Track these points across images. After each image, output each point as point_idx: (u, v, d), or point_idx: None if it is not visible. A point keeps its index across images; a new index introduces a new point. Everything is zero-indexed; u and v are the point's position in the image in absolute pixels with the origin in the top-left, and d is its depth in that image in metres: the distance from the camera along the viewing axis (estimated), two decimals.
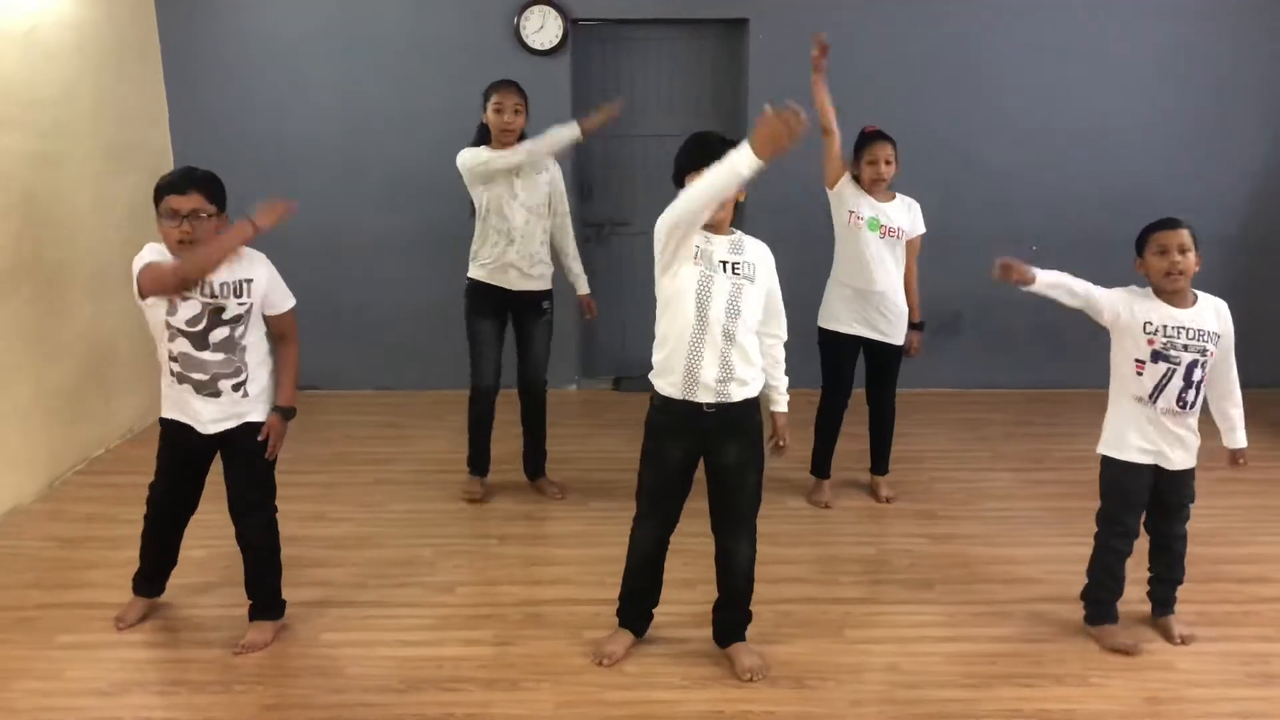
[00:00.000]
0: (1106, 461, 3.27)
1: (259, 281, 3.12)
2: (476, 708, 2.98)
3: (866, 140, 4.22)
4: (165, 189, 2.98)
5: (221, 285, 3.04)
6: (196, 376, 3.08)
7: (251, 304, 3.10)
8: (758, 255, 3.02)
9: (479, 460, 4.57)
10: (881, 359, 4.36)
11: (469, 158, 4.22)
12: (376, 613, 3.52)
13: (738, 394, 2.95)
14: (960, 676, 3.13)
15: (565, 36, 5.71)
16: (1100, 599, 3.33)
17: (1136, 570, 3.39)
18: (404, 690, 3.06)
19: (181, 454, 3.23)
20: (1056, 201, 5.91)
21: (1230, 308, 3.19)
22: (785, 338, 3.14)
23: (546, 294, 4.46)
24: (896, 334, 4.32)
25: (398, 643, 3.33)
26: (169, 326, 3.04)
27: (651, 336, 3.06)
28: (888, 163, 4.17)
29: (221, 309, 3.05)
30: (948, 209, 5.86)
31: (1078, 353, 6.08)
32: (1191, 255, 3.10)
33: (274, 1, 5.73)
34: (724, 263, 2.93)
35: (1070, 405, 5.80)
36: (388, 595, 3.66)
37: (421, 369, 6.14)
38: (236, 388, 3.12)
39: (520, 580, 3.79)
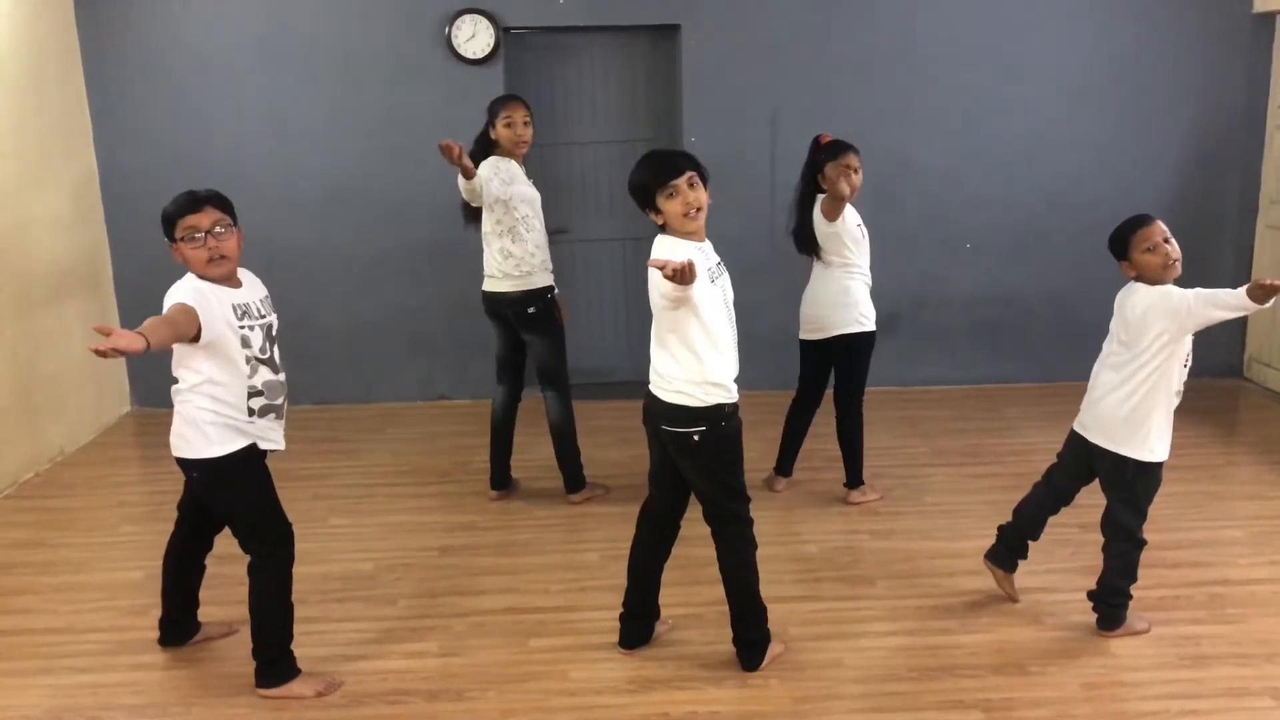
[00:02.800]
0: (1155, 466, 3.22)
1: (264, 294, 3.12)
2: (421, 719, 2.95)
3: (838, 150, 4.19)
4: (177, 213, 2.87)
5: (263, 300, 3.03)
6: (278, 401, 3.05)
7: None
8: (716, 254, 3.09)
9: (498, 475, 4.61)
10: (831, 359, 4.44)
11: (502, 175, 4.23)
12: (317, 627, 3.46)
13: None
14: (903, 669, 3.17)
15: (497, 45, 5.69)
16: (1126, 600, 3.33)
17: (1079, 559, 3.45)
18: (347, 705, 3.03)
19: (268, 472, 3.11)
20: (990, 200, 6.01)
21: None
22: None
23: (527, 296, 4.38)
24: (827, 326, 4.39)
25: (339, 658, 3.28)
26: (248, 361, 2.95)
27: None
28: (857, 170, 4.19)
29: (271, 326, 3.04)
30: (883, 210, 5.95)
31: (1011, 350, 6.24)
32: (1173, 240, 3.14)
33: (199, 13, 5.64)
34: (715, 266, 3.02)
35: (1005, 400, 5.89)
36: (328, 610, 3.61)
37: (362, 383, 6.08)
38: (287, 399, 3.15)
39: (464, 590, 3.76)
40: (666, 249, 2.89)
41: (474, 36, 5.67)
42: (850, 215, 4.23)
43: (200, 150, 5.71)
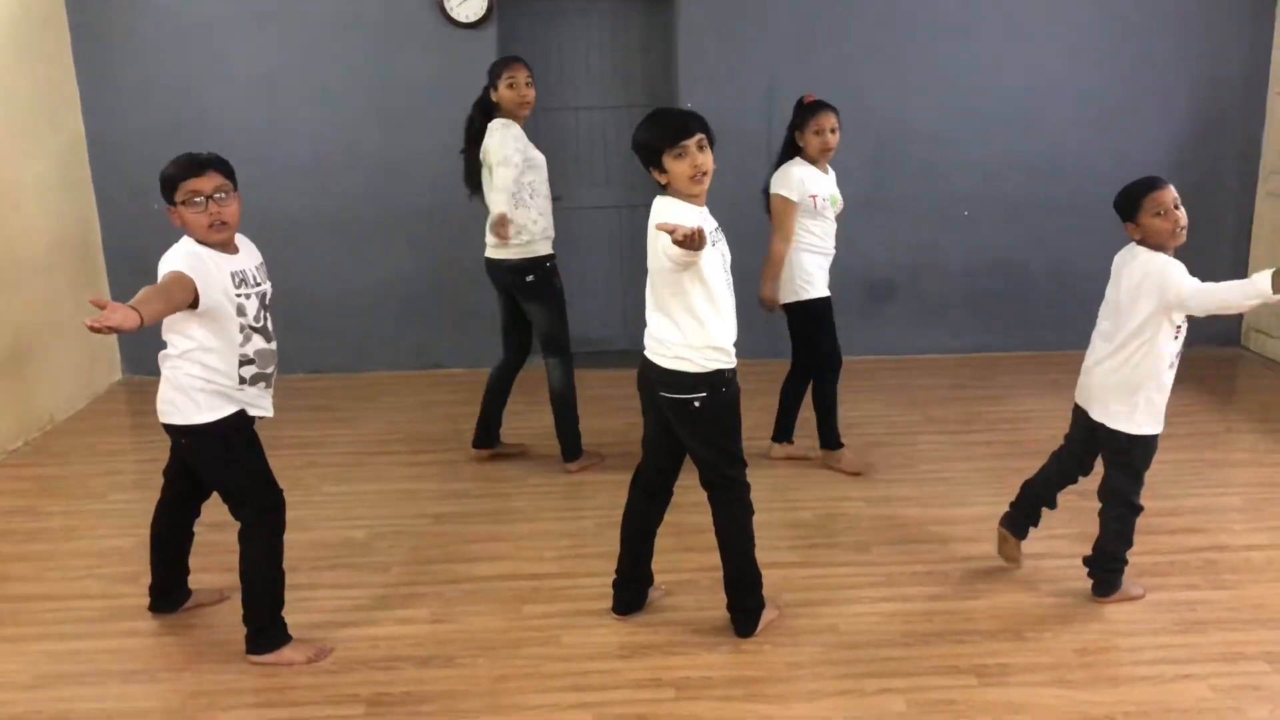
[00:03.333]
0: (1149, 438, 3.18)
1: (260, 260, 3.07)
2: (412, 685, 2.93)
3: (812, 110, 4.12)
4: (179, 175, 2.79)
5: (257, 268, 2.98)
6: (270, 370, 3.02)
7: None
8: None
9: (485, 434, 4.58)
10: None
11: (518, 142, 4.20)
12: (308, 594, 3.43)
13: None
14: (897, 635, 3.15)
15: (490, 9, 5.61)
16: (1122, 565, 3.32)
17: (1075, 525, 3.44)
18: (336, 671, 3.00)
19: (258, 439, 3.09)
20: (988, 166, 5.95)
21: None
22: None
23: (527, 264, 4.35)
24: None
25: (330, 624, 3.26)
26: (242, 329, 2.90)
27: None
28: (833, 131, 4.11)
29: (266, 294, 3.00)
30: (880, 175, 5.92)
31: (1006, 318, 6.21)
32: (1182, 207, 3.07)
33: None
34: (715, 229, 2.97)
35: (999, 369, 5.87)
36: (318, 578, 3.58)
37: (355, 352, 6.04)
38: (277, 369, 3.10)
39: (456, 558, 3.73)
40: (668, 211, 2.84)
41: (467, 0, 5.58)
42: (812, 187, 4.15)
43: (189, 116, 5.64)
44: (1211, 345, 6.07)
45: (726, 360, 2.94)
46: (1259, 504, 4.05)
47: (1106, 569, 3.30)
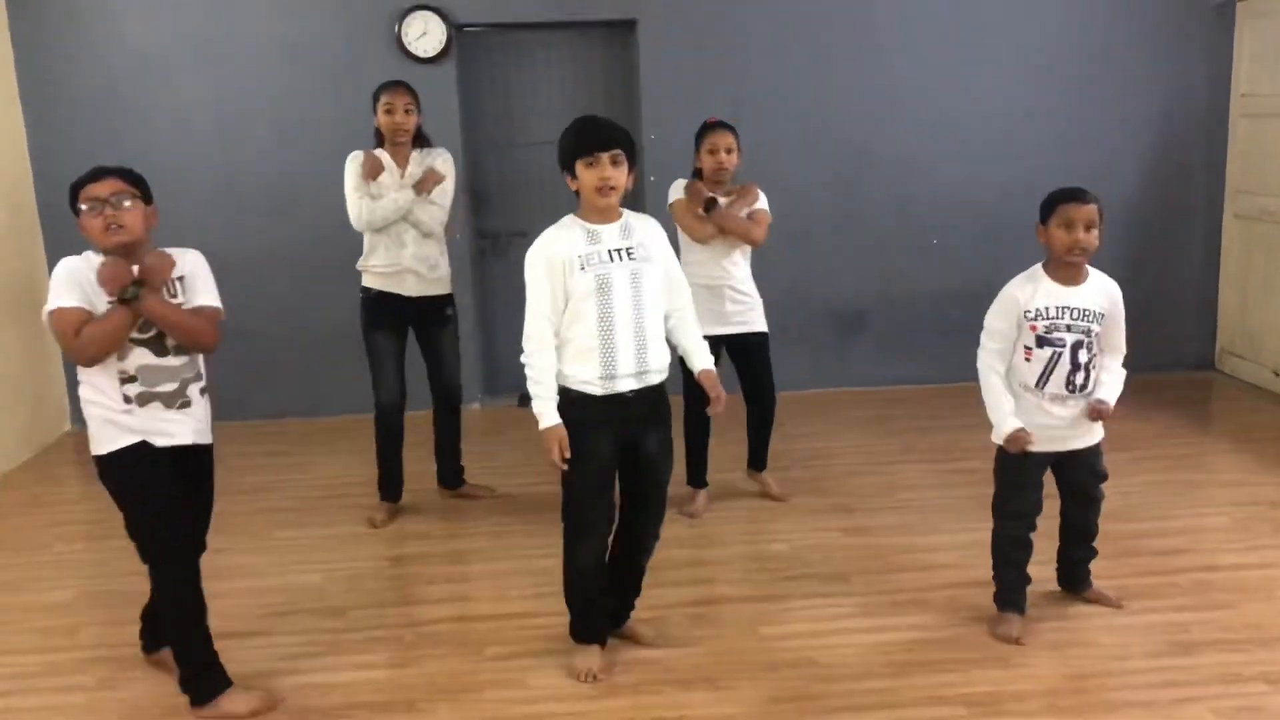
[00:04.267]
0: (999, 450, 3.17)
1: (188, 278, 2.84)
2: None
3: (706, 130, 4.06)
4: (79, 184, 2.71)
5: (164, 283, 2.78)
6: (164, 388, 2.75)
7: (184, 301, 2.80)
8: (647, 233, 2.93)
9: (389, 484, 4.31)
10: (748, 352, 4.14)
11: (349, 177, 4.14)
12: (258, 643, 3.25)
13: (655, 379, 2.92)
14: (880, 666, 3.00)
15: (449, 43, 5.53)
16: (1003, 585, 3.22)
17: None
18: None
19: (167, 481, 2.78)
20: (955, 193, 5.90)
21: (1124, 290, 3.11)
22: (691, 299, 3.05)
23: (448, 298, 4.28)
24: (755, 321, 4.13)
25: (282, 672, 3.07)
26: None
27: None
28: (729, 151, 3.99)
29: None
30: (846, 204, 5.85)
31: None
32: (1095, 231, 3.00)
33: (139, 9, 5.44)
34: (616, 250, 2.84)
35: (972, 397, 5.68)
36: (271, 624, 3.39)
37: (313, 395, 5.85)
38: (203, 393, 2.85)
39: (415, 600, 3.56)
40: (549, 235, 2.86)
41: (425, 34, 5.50)
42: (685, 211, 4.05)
43: (141, 154, 5.36)
44: (1185, 369, 6.00)
45: (581, 385, 2.86)
46: (1246, 523, 3.94)
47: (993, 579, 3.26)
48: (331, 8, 5.52)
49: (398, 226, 4.08)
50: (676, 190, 4.08)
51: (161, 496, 2.77)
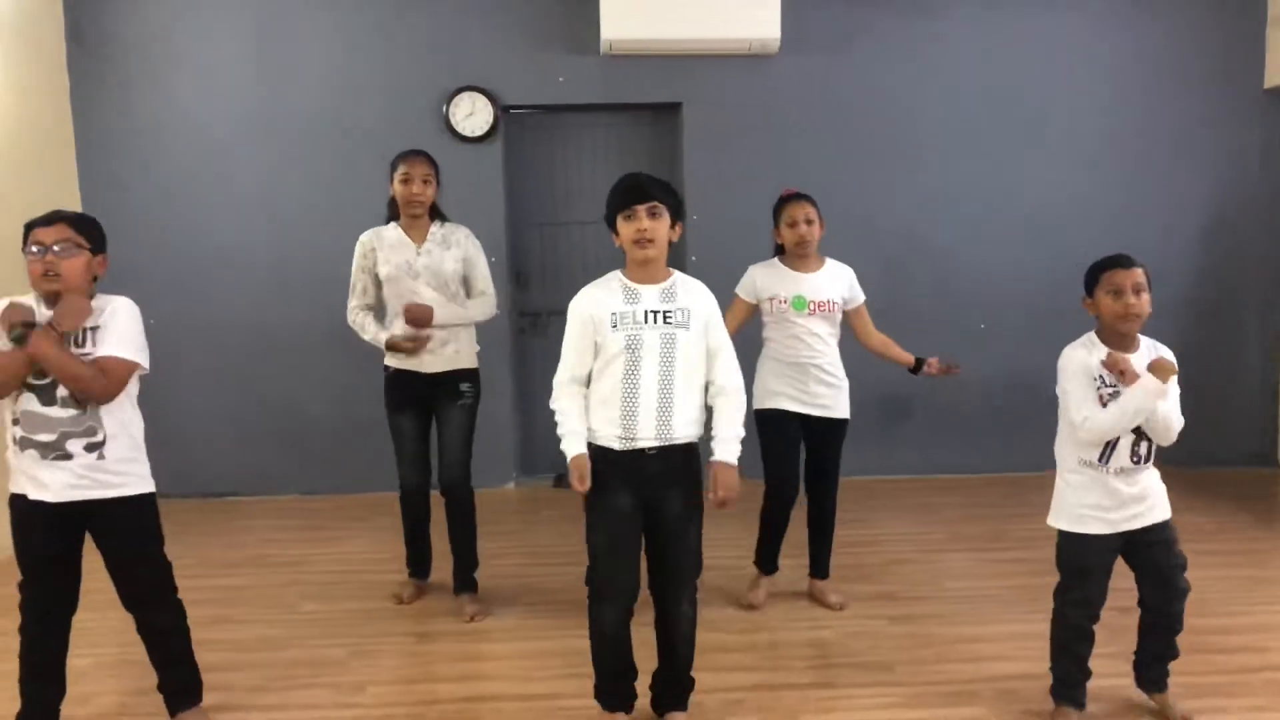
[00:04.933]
0: (1061, 534, 3.00)
1: (103, 329, 2.77)
2: None
3: (783, 203, 3.90)
4: (31, 225, 2.77)
5: (68, 335, 2.74)
6: (41, 438, 2.72)
7: (95, 355, 2.74)
8: (692, 299, 2.85)
9: (416, 562, 4.17)
10: (822, 437, 3.89)
11: (355, 260, 4.04)
12: (277, 716, 3.13)
13: (680, 440, 2.81)
14: None
15: (496, 123, 5.60)
16: (1060, 676, 3.03)
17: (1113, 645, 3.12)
18: None
19: (38, 539, 2.78)
20: (1002, 278, 5.82)
21: (1182, 382, 2.94)
22: (735, 383, 2.89)
23: (466, 375, 3.96)
24: (838, 406, 3.90)
25: None
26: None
27: None
28: (809, 222, 3.80)
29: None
30: (892, 289, 5.76)
31: (1030, 436, 5.89)
32: (1146, 296, 2.90)
33: (195, 91, 5.59)
34: (653, 313, 2.78)
35: (1026, 488, 5.56)
36: (290, 698, 3.27)
37: (351, 472, 5.79)
38: (91, 448, 2.75)
39: (442, 678, 3.42)
40: (588, 292, 2.87)
41: (472, 114, 5.58)
42: (763, 293, 3.86)
43: (192, 232, 5.58)
44: (1245, 465, 5.77)
45: (603, 439, 2.82)
46: None
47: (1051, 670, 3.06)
48: (382, 88, 5.62)
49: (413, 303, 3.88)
50: (749, 281, 3.91)
51: (27, 551, 2.79)
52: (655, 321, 2.78)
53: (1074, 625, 2.97)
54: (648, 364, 2.75)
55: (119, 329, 2.78)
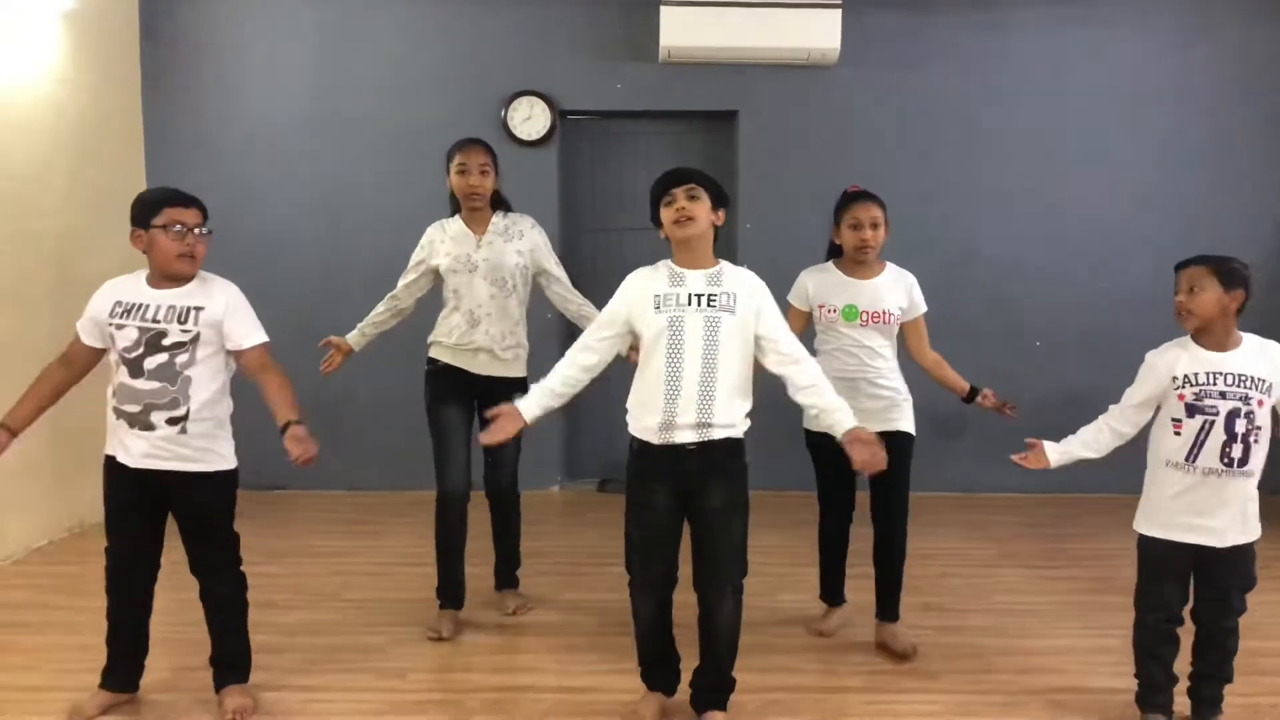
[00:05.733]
0: (1140, 536, 2.95)
1: (211, 310, 2.89)
2: None
3: (847, 201, 3.53)
4: (164, 201, 2.88)
5: (168, 309, 2.86)
6: (129, 408, 2.83)
7: (198, 333, 2.86)
8: (738, 285, 2.84)
9: (450, 588, 3.75)
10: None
11: (416, 251, 3.97)
12: (318, 697, 3.16)
13: (719, 435, 2.78)
14: None
15: (553, 127, 5.64)
16: (1144, 682, 2.96)
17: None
18: None
19: (121, 496, 2.93)
20: (1060, 295, 5.73)
21: None
22: (806, 354, 2.87)
23: (520, 382, 3.73)
24: (897, 419, 3.51)
25: None
26: (115, 355, 2.87)
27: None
28: (874, 226, 3.45)
29: (162, 334, 2.84)
30: (948, 304, 5.65)
31: None
32: (1202, 295, 2.88)
33: (259, 89, 5.70)
34: (697, 296, 2.78)
35: (1081, 508, 5.45)
36: (332, 680, 3.29)
37: (400, 469, 5.79)
38: (173, 422, 2.83)
39: (480, 668, 3.41)
40: (630, 280, 2.91)
41: (530, 118, 5.63)
42: (813, 300, 3.53)
43: (251, 225, 5.67)
44: None
45: (642, 432, 2.83)
46: None
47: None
48: (442, 90, 5.69)
49: (471, 303, 3.72)
50: (800, 288, 3.58)
51: (113, 509, 2.95)
52: (699, 305, 2.77)
53: (1153, 629, 2.91)
54: (690, 348, 2.74)
55: (249, 316, 2.98)
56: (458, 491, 3.70)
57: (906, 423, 3.53)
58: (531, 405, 2.88)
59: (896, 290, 3.53)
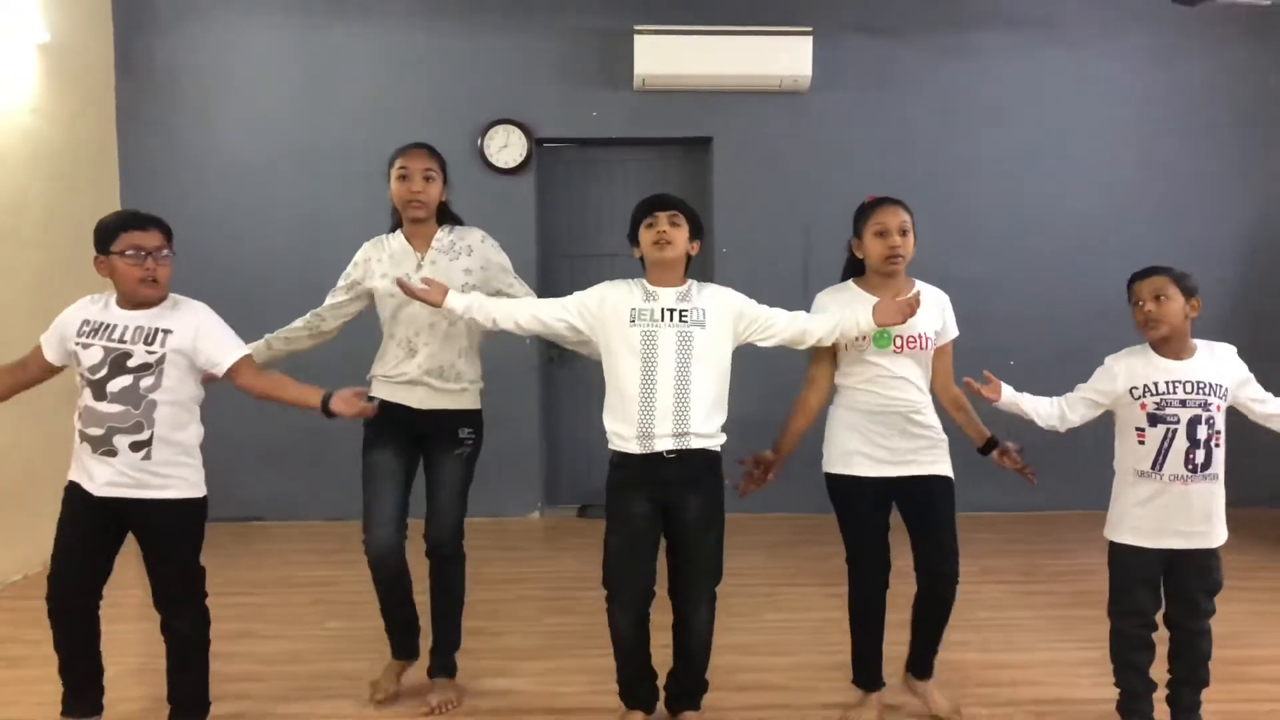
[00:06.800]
0: (1110, 544, 2.99)
1: (179, 335, 2.84)
2: None
3: (871, 207, 3.09)
4: (120, 226, 2.83)
5: (135, 330, 2.82)
6: (92, 430, 2.78)
7: (164, 355, 2.81)
8: (707, 300, 2.93)
9: (398, 638, 3.34)
10: (928, 500, 3.05)
11: (347, 269, 3.54)
12: None
13: (697, 444, 2.84)
14: None
15: (529, 156, 5.68)
16: (1125, 690, 2.99)
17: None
18: None
19: (76, 521, 2.84)
20: (1034, 314, 5.81)
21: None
22: (804, 319, 3.01)
23: (468, 417, 3.28)
24: (937, 460, 3.08)
25: None
26: (79, 377, 2.83)
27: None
28: (903, 232, 3.01)
29: (126, 355, 2.79)
30: None
31: (1062, 474, 5.84)
32: (1168, 304, 2.90)
33: (237, 121, 5.71)
34: (669, 311, 2.87)
35: (1058, 525, 5.51)
36: (313, 708, 3.27)
37: None
38: (137, 447, 2.78)
39: (468, 692, 3.39)
40: (610, 285, 2.97)
41: (506, 146, 5.67)
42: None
43: (227, 259, 5.66)
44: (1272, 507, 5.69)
45: (620, 444, 2.87)
46: None
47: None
48: (420, 119, 5.70)
49: (408, 330, 3.25)
50: (823, 311, 3.06)
51: (64, 533, 2.85)
52: (671, 320, 2.86)
53: (1128, 635, 2.94)
54: (664, 362, 2.82)
55: (223, 335, 2.95)
56: (388, 547, 3.19)
57: (946, 465, 3.09)
58: (463, 301, 2.98)
59: (930, 310, 3.08)
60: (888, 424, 3.00)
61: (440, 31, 5.72)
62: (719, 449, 2.90)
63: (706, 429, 2.83)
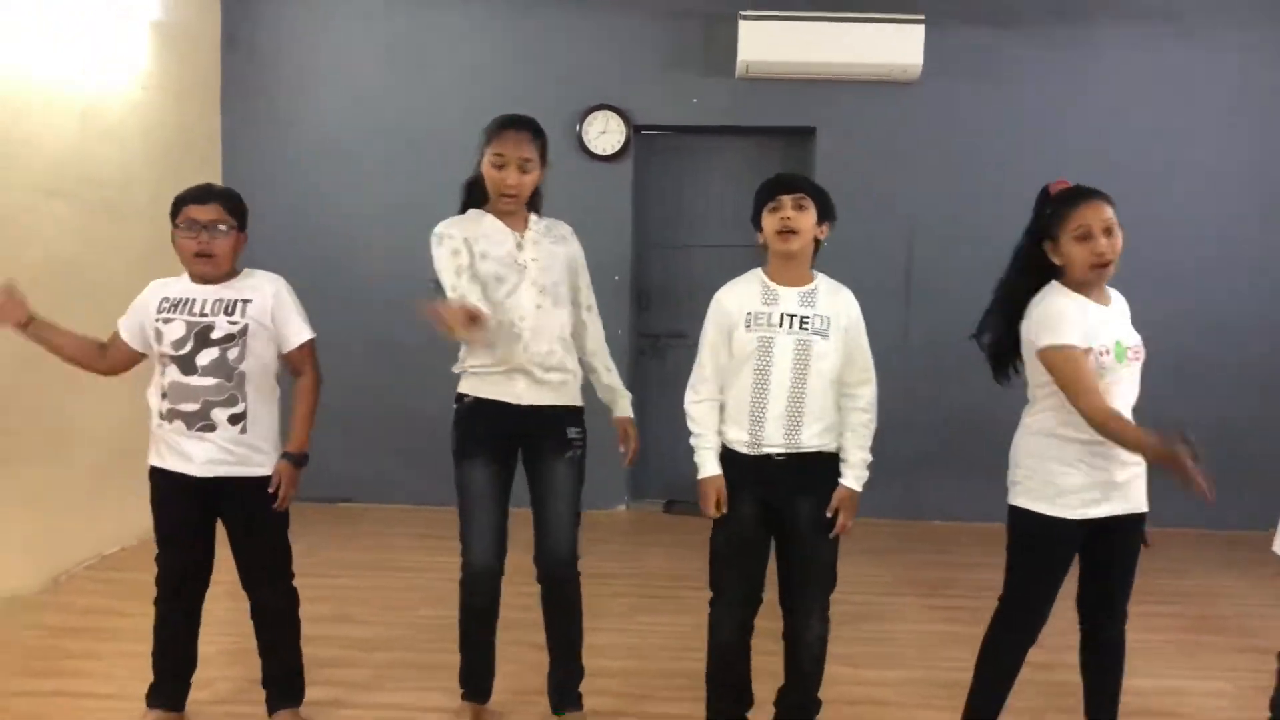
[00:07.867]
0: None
1: (259, 303, 2.81)
2: None
3: (1069, 203, 2.59)
4: (185, 199, 2.80)
5: (215, 302, 2.78)
6: (186, 407, 2.74)
7: (246, 325, 2.77)
8: (834, 307, 2.75)
9: (474, 678, 3.06)
10: (1123, 539, 2.63)
11: (433, 252, 2.88)
12: (393, 715, 3.10)
13: (810, 447, 2.70)
14: None
15: (627, 142, 5.59)
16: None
17: None
18: None
19: (178, 509, 2.82)
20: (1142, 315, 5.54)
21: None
22: (872, 397, 2.76)
23: (574, 414, 2.97)
24: (1140, 496, 2.64)
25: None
26: (160, 357, 2.78)
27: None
28: (1108, 232, 2.54)
29: (209, 328, 2.75)
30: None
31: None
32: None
33: (334, 101, 5.73)
34: (789, 316, 2.68)
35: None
36: (407, 699, 3.25)
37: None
38: (234, 420, 2.75)
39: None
40: (724, 292, 2.80)
41: (605, 133, 5.59)
42: (1093, 329, 2.52)
43: (320, 239, 5.68)
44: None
45: (731, 442, 2.74)
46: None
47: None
48: (516, 103, 5.49)
49: (513, 314, 2.84)
50: (1068, 320, 2.52)
51: (166, 522, 2.84)
52: (791, 326, 2.68)
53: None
54: (779, 370, 2.66)
55: (294, 314, 2.87)
56: (488, 568, 2.91)
57: (1144, 499, 2.66)
58: (710, 458, 2.76)
59: (1128, 319, 2.69)
60: (1107, 455, 2.51)
61: (540, 14, 5.65)
62: (836, 449, 2.73)
63: (820, 440, 2.69)
